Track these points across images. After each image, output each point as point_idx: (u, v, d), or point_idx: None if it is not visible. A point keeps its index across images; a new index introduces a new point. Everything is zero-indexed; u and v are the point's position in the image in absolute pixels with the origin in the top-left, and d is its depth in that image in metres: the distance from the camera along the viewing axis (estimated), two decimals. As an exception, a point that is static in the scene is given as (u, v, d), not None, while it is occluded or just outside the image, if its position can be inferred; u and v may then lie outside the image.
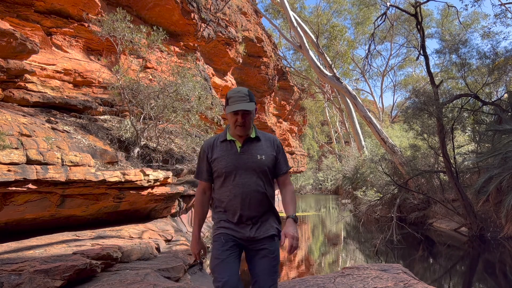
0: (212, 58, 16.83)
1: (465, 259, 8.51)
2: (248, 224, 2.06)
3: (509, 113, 10.11)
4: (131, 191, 7.60)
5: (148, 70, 11.56)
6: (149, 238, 7.06)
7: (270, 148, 2.15)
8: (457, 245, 9.55)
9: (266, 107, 23.86)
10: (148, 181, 7.59)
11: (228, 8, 17.60)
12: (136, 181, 7.40)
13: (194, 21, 13.47)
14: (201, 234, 2.19)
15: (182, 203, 9.41)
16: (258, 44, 20.07)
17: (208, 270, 6.85)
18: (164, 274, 5.12)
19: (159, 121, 10.08)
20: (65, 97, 9.23)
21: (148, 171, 7.67)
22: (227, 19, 17.11)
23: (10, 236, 6.33)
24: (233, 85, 19.08)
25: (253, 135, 2.12)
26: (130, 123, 9.50)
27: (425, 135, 11.47)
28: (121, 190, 7.52)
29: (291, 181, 2.33)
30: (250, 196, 2.03)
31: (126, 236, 6.92)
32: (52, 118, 8.04)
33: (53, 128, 7.19)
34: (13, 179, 5.33)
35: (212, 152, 2.10)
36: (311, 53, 16.90)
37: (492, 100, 11.10)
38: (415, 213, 12.35)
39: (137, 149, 9.29)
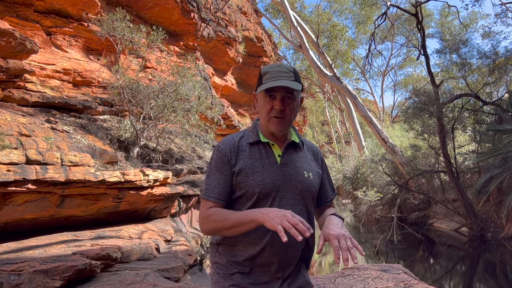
0: (212, 57, 16.81)
1: (465, 259, 8.49)
2: (278, 278, 1.34)
3: (510, 113, 10.09)
4: (130, 191, 7.58)
5: (148, 69, 11.55)
6: (149, 238, 7.05)
7: (314, 162, 1.50)
8: (458, 245, 9.53)
9: (266, 107, 23.83)
10: (148, 181, 7.58)
11: (228, 7, 17.58)
12: (136, 181, 7.39)
13: (194, 20, 13.45)
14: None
15: (182, 203, 9.40)
16: (258, 44, 20.06)
17: (208, 270, 6.84)
18: (164, 274, 5.11)
19: (159, 121, 10.07)
20: (65, 97, 9.21)
21: (148, 171, 7.67)
22: (227, 18, 17.10)
23: (9, 236, 6.31)
24: (233, 84, 19.07)
25: (295, 139, 1.44)
26: (129, 123, 9.49)
27: (426, 135, 11.45)
28: (121, 190, 7.51)
29: None
30: (294, 241, 1.29)
31: (126, 237, 6.91)
32: (52, 118, 8.03)
33: (52, 128, 7.18)
34: (12, 179, 5.32)
35: (237, 158, 1.35)
36: (311, 52, 16.88)
37: (493, 100, 11.08)
38: (415, 213, 12.33)
39: (136, 149, 9.28)
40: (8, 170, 5.28)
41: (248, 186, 1.32)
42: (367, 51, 15.04)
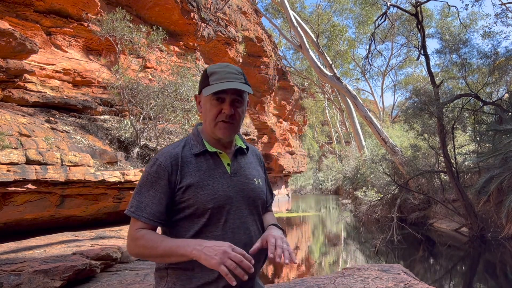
0: (212, 57, 16.81)
1: (465, 260, 8.49)
2: None
3: (510, 113, 10.08)
4: (130, 191, 7.58)
5: (148, 69, 11.55)
6: (149, 238, 7.04)
7: (259, 167, 1.42)
8: (458, 245, 9.53)
9: (266, 107, 23.85)
10: (148, 181, 7.58)
11: (228, 7, 17.59)
12: (136, 181, 7.39)
13: (194, 20, 13.46)
14: None
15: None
16: (258, 44, 20.06)
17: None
18: (164, 274, 5.10)
19: (159, 121, 10.07)
20: (65, 97, 9.22)
21: (148, 171, 7.65)
22: (227, 18, 17.10)
23: (9, 236, 6.31)
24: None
25: (242, 144, 1.35)
26: (129, 123, 9.49)
27: (426, 135, 11.45)
28: (121, 190, 7.51)
29: None
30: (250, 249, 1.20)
31: (126, 237, 6.89)
32: (52, 118, 8.03)
33: (52, 128, 7.18)
34: (12, 179, 5.32)
35: (182, 173, 1.20)
36: (311, 52, 16.88)
37: (493, 100, 11.07)
38: (415, 213, 12.33)
39: (136, 149, 9.28)
40: (8, 170, 5.28)
41: (198, 202, 1.18)
42: (367, 51, 15.05)
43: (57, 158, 6.09)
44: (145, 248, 1.15)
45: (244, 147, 1.35)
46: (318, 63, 16.55)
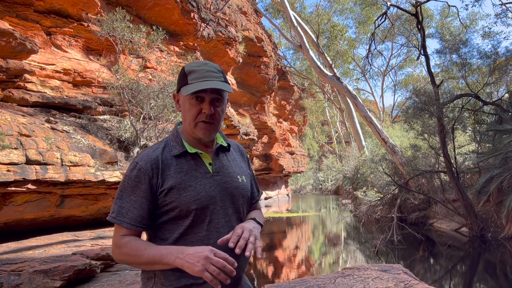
0: (212, 57, 16.81)
1: (465, 260, 8.49)
2: None
3: (510, 113, 10.08)
4: (130, 191, 7.57)
5: (148, 69, 11.55)
6: (149, 238, 7.04)
7: (243, 163, 1.40)
8: (458, 245, 9.53)
9: (266, 107, 23.85)
10: (148, 181, 7.59)
11: (228, 7, 17.59)
12: (136, 181, 7.38)
13: (194, 20, 13.46)
14: None
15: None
16: (258, 44, 20.06)
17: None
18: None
19: (159, 121, 10.07)
20: (65, 97, 9.22)
21: (148, 171, 7.66)
22: (227, 18, 17.10)
23: (9, 236, 6.31)
24: (233, 84, 19.07)
25: (223, 142, 1.33)
26: (129, 123, 9.49)
27: (426, 135, 11.45)
28: (121, 190, 7.50)
29: None
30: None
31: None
32: (52, 118, 8.03)
33: (52, 128, 7.18)
34: (12, 179, 5.32)
35: (163, 176, 1.18)
36: (311, 52, 16.88)
37: (493, 100, 11.07)
38: (415, 213, 12.33)
39: (136, 149, 9.28)
40: (8, 170, 5.28)
41: (181, 204, 1.16)
42: (367, 51, 15.04)
43: (57, 158, 6.09)
44: (129, 256, 1.14)
45: (225, 144, 1.33)
46: (318, 63, 16.55)
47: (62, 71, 9.33)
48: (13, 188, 5.52)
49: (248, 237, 1.13)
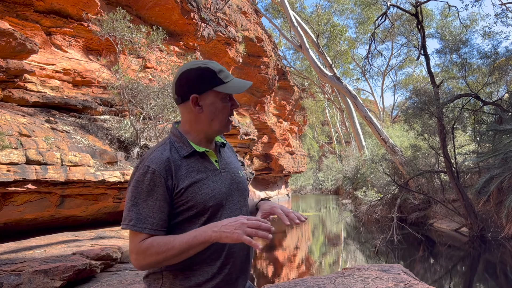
0: (212, 57, 16.81)
1: (465, 260, 8.49)
2: None
3: (510, 113, 10.08)
4: (131, 191, 7.57)
5: (148, 69, 11.55)
6: (149, 238, 7.04)
7: (235, 158, 1.47)
8: (458, 245, 9.53)
9: (266, 107, 23.85)
10: (148, 181, 7.59)
11: (228, 7, 17.59)
12: (136, 181, 7.38)
13: (194, 20, 13.45)
14: None
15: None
16: (258, 44, 20.06)
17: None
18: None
19: (159, 121, 10.07)
20: (65, 97, 9.22)
21: (148, 171, 7.66)
22: (227, 18, 17.10)
23: (9, 236, 6.31)
24: (233, 85, 19.04)
25: (221, 140, 1.38)
26: (129, 123, 9.49)
27: (426, 135, 11.45)
28: (121, 190, 7.51)
29: None
30: (245, 245, 1.24)
31: (126, 237, 6.90)
32: (52, 118, 8.03)
33: (52, 128, 7.18)
34: (12, 179, 5.32)
35: (177, 177, 1.18)
36: (311, 52, 16.88)
37: (493, 100, 11.08)
38: (415, 213, 12.33)
39: (136, 149, 9.28)
40: (8, 170, 5.28)
41: (198, 203, 1.18)
42: (367, 51, 15.04)
43: (57, 158, 6.09)
44: (159, 253, 1.11)
45: (225, 142, 1.39)
46: (318, 63, 16.55)
47: (62, 71, 9.32)
48: (13, 188, 5.52)
49: (289, 211, 1.24)
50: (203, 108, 1.25)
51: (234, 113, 1.38)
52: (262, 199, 1.40)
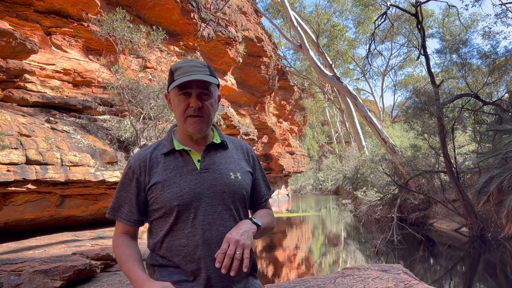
0: (212, 57, 16.81)
1: (465, 260, 8.49)
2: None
3: (510, 113, 10.08)
4: (130, 191, 7.57)
5: (148, 69, 11.55)
6: (149, 238, 7.04)
7: (243, 161, 1.36)
8: (458, 245, 9.53)
9: (266, 107, 23.85)
10: (148, 181, 7.59)
11: (228, 7, 17.59)
12: (136, 181, 7.38)
13: (194, 20, 13.45)
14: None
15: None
16: (258, 44, 20.06)
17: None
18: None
19: (159, 121, 10.07)
20: (65, 97, 9.22)
21: (148, 171, 7.66)
22: (227, 18, 17.10)
23: (9, 236, 6.31)
24: (233, 85, 19.07)
25: (216, 140, 1.31)
26: (129, 123, 9.49)
27: (426, 135, 11.45)
28: (121, 190, 7.50)
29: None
30: (216, 245, 1.20)
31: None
32: (52, 118, 8.03)
33: (52, 128, 7.18)
34: (12, 179, 5.32)
35: (150, 173, 1.22)
36: (311, 52, 16.88)
37: (493, 100, 11.08)
38: (415, 213, 12.33)
39: (136, 149, 9.28)
40: (8, 170, 5.27)
41: (164, 200, 1.18)
42: (367, 51, 15.04)
43: (57, 158, 6.09)
44: (117, 257, 1.27)
45: (218, 141, 1.31)
46: (318, 63, 16.55)
47: (62, 71, 9.32)
48: (13, 188, 5.53)
49: (233, 253, 1.10)
50: (172, 105, 1.29)
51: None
52: (249, 218, 1.30)
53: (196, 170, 1.24)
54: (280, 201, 29.50)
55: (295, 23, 17.06)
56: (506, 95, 11.29)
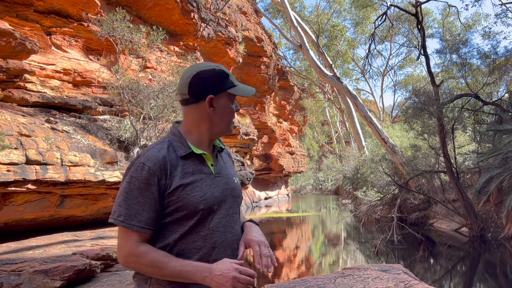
0: (212, 57, 16.81)
1: (465, 260, 8.49)
2: None
3: (510, 113, 10.09)
4: (130, 191, 7.56)
5: (148, 69, 11.55)
6: (149, 238, 7.04)
7: (232, 165, 1.44)
8: (458, 245, 9.53)
9: (266, 107, 23.85)
10: (148, 181, 7.59)
11: (228, 7, 17.59)
12: (136, 181, 7.38)
13: (194, 20, 13.45)
14: None
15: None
16: (258, 44, 20.06)
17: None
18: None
19: (159, 121, 10.06)
20: (65, 97, 9.22)
21: (148, 171, 7.66)
22: (227, 18, 17.10)
23: (9, 236, 6.31)
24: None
25: (219, 144, 1.36)
26: (129, 123, 9.49)
27: (426, 135, 11.45)
28: (121, 190, 7.49)
29: None
30: (235, 248, 1.27)
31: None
32: (52, 118, 8.03)
33: (52, 128, 7.17)
34: (12, 179, 5.32)
35: (171, 177, 1.18)
36: (311, 52, 16.88)
37: (493, 100, 11.08)
38: (415, 213, 12.33)
39: (136, 149, 9.27)
40: (8, 170, 5.27)
41: (189, 204, 1.17)
42: (367, 51, 15.05)
43: (57, 158, 6.09)
44: (150, 267, 1.13)
45: (223, 146, 1.37)
46: (318, 63, 16.55)
47: (62, 71, 9.32)
48: (13, 188, 5.52)
49: (266, 253, 1.21)
50: (216, 109, 1.25)
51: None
52: (250, 220, 1.38)
53: (212, 175, 1.26)
54: (280, 201, 29.50)
55: (295, 23, 17.06)
56: (506, 95, 11.30)
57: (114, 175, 7.12)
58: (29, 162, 5.66)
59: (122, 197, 1.16)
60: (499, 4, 12.84)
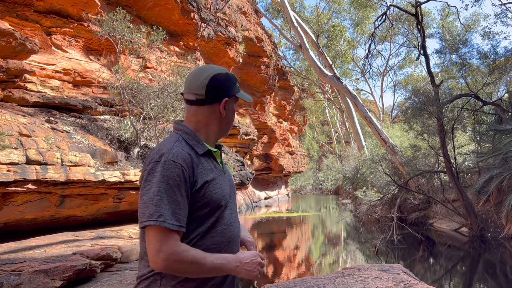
0: (212, 57, 16.81)
1: (465, 260, 8.49)
2: None
3: (510, 113, 10.09)
4: (130, 191, 7.58)
5: (148, 70, 11.55)
6: (149, 238, 7.04)
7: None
8: (458, 245, 9.54)
9: (266, 107, 23.85)
10: (148, 181, 7.59)
11: (228, 7, 17.59)
12: (136, 181, 7.40)
13: (194, 20, 13.46)
14: None
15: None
16: (258, 44, 20.06)
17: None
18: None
19: (159, 121, 10.06)
20: (65, 97, 9.22)
21: (148, 171, 7.66)
22: (227, 18, 17.10)
23: (9, 236, 6.31)
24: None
25: (218, 143, 1.40)
26: (130, 123, 9.49)
27: (426, 135, 11.45)
28: (121, 190, 7.51)
29: None
30: (239, 243, 1.36)
31: (126, 237, 6.91)
32: (52, 118, 8.03)
33: (52, 128, 7.18)
34: (12, 179, 5.32)
35: (195, 174, 1.19)
36: (311, 52, 16.88)
37: (493, 100, 11.09)
38: (415, 213, 12.33)
39: (137, 149, 9.28)
40: (8, 170, 5.28)
41: (212, 201, 1.19)
42: (367, 51, 15.05)
43: (57, 158, 6.10)
44: (191, 264, 1.11)
45: (221, 144, 1.41)
46: (318, 63, 16.56)
47: (62, 71, 9.33)
48: (13, 188, 5.53)
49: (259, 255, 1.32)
50: (227, 112, 1.31)
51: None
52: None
53: (223, 172, 1.31)
54: (280, 201, 29.51)
55: (295, 23, 17.07)
56: (506, 95, 11.30)
57: (114, 175, 7.13)
58: (29, 162, 5.66)
59: (158, 197, 1.11)
60: (499, 4, 12.85)
